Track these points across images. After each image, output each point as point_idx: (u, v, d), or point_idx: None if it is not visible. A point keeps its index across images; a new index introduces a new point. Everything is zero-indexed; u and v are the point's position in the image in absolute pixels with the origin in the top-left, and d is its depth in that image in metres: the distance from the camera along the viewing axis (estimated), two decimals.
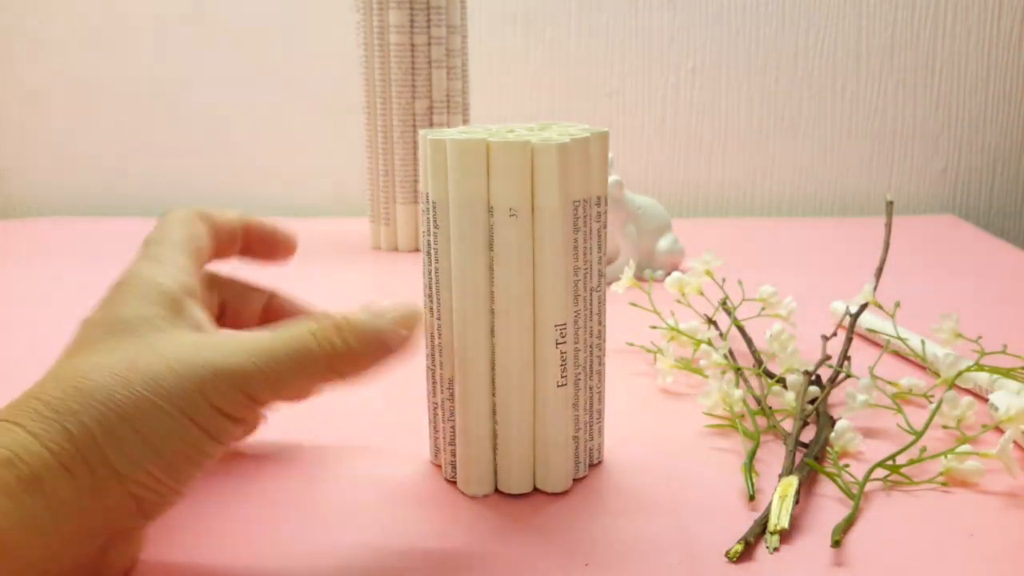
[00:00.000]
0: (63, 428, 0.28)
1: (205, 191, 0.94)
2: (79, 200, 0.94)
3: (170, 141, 0.93)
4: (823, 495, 0.36)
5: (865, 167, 0.93)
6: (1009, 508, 0.35)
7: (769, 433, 0.41)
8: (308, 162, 0.93)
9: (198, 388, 0.29)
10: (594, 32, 0.90)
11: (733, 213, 0.94)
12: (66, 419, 0.28)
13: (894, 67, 0.90)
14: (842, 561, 0.32)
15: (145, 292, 0.32)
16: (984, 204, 0.94)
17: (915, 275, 0.66)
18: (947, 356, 0.42)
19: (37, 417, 0.28)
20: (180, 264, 0.34)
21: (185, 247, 0.35)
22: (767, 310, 0.50)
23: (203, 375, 0.29)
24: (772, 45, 0.90)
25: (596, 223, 0.36)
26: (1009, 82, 0.90)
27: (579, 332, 0.36)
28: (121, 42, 0.91)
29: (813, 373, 0.44)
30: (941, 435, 0.41)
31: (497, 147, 0.33)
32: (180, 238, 0.36)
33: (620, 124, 0.92)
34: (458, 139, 0.33)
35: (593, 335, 0.37)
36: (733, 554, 0.32)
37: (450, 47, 0.70)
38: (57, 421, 0.28)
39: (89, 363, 0.29)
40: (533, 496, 0.36)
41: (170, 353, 0.30)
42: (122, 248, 0.77)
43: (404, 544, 0.33)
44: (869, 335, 0.53)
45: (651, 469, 0.38)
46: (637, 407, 0.45)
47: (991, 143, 0.92)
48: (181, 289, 0.33)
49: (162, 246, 0.35)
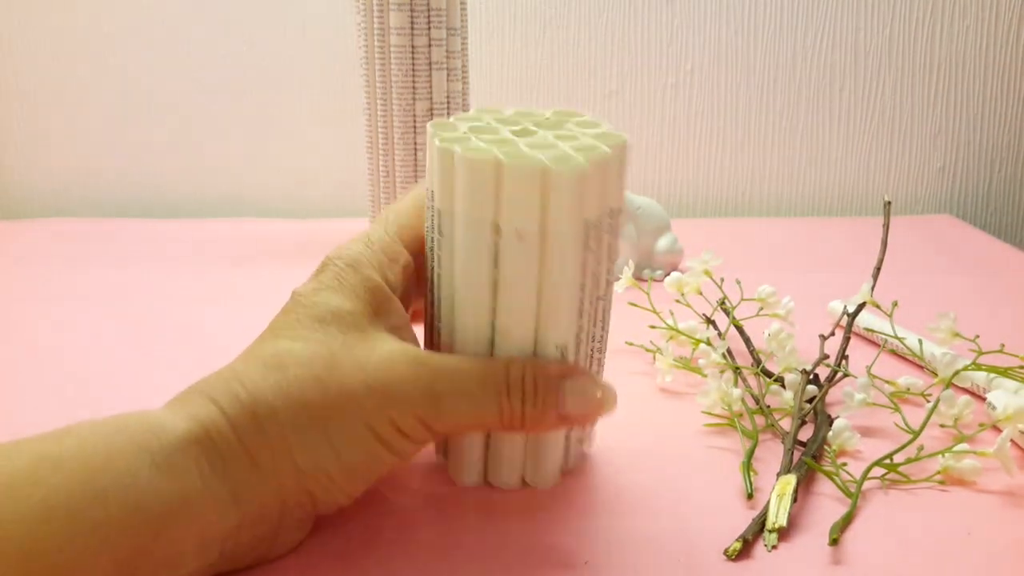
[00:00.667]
0: (255, 419, 0.29)
1: (205, 192, 0.94)
2: (79, 200, 0.94)
3: (171, 142, 0.93)
4: (821, 493, 0.36)
5: (863, 167, 0.93)
6: (1006, 507, 0.35)
7: (767, 432, 0.41)
8: (309, 163, 0.93)
9: (386, 409, 0.30)
10: (593, 33, 0.90)
11: (731, 213, 0.94)
12: (260, 409, 0.29)
13: (892, 67, 0.90)
14: (840, 559, 0.32)
15: (355, 282, 0.33)
16: (982, 204, 0.94)
17: (913, 274, 0.66)
18: (945, 355, 0.42)
19: (235, 402, 0.29)
20: (395, 253, 0.35)
21: (411, 231, 0.36)
22: (765, 309, 0.50)
23: (392, 396, 0.30)
24: (771, 45, 0.90)
25: (608, 235, 0.34)
26: (1007, 82, 0.90)
27: (580, 345, 0.34)
28: (121, 42, 0.91)
29: (811, 372, 0.44)
30: (939, 434, 0.41)
31: (509, 170, 0.31)
32: (409, 220, 0.36)
33: (619, 124, 0.92)
34: (467, 156, 0.31)
35: (595, 340, 0.36)
36: (731, 552, 0.32)
37: (450, 49, 0.70)
38: (251, 410, 0.29)
39: (290, 349, 0.30)
40: (532, 494, 0.36)
41: (366, 363, 0.30)
42: (122, 248, 0.78)
43: (402, 538, 0.33)
44: (867, 334, 0.53)
45: (650, 468, 0.39)
46: (636, 406, 0.45)
47: (989, 143, 0.92)
48: (388, 283, 0.34)
49: (390, 223, 0.36)
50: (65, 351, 0.54)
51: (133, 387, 0.49)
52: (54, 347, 0.55)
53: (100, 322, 0.59)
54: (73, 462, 0.26)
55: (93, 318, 0.60)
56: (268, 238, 0.81)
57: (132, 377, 0.50)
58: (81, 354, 0.53)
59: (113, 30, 0.90)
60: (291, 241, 0.79)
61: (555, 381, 0.32)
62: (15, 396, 0.48)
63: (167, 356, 0.53)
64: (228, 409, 0.29)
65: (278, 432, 0.29)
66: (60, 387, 0.49)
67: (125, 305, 0.63)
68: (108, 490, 0.26)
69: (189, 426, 0.28)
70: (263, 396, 0.29)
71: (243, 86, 0.91)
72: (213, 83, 0.91)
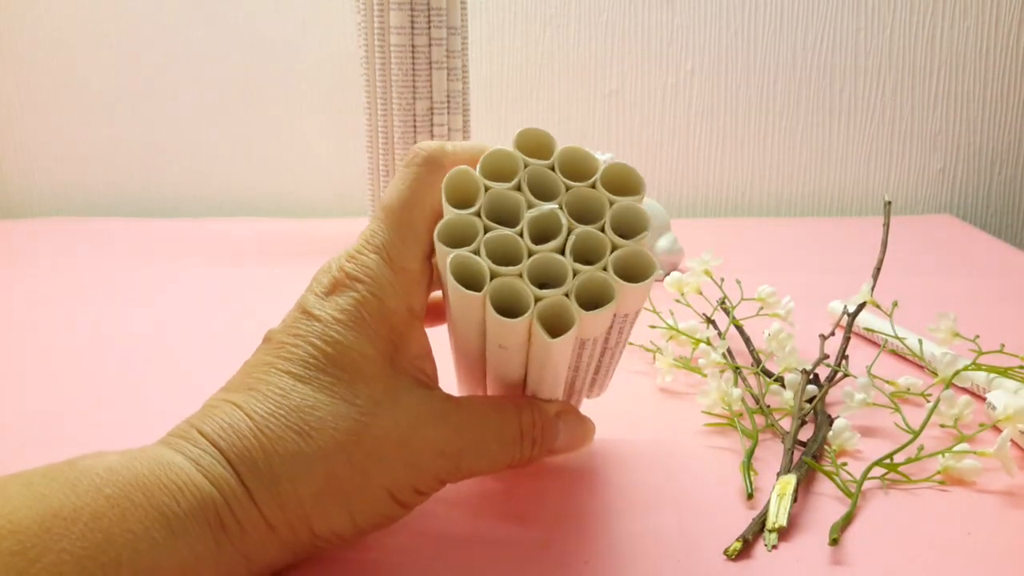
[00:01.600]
0: (277, 493, 0.28)
1: (206, 192, 0.94)
2: (79, 200, 0.94)
3: (171, 142, 0.93)
4: (821, 493, 0.36)
5: (863, 167, 0.93)
6: (1006, 507, 0.35)
7: (767, 432, 0.41)
8: (309, 163, 0.93)
9: (411, 480, 0.30)
10: (594, 33, 0.90)
11: (732, 213, 0.94)
12: (283, 483, 0.28)
13: (892, 67, 0.90)
14: (840, 559, 0.32)
15: (378, 316, 0.30)
16: (982, 204, 0.94)
17: (913, 274, 0.66)
18: (945, 355, 0.42)
19: (255, 469, 0.28)
20: (415, 272, 0.31)
21: (427, 236, 0.31)
22: (765, 309, 0.50)
23: (418, 465, 0.30)
24: (771, 45, 0.90)
25: (617, 331, 0.33)
26: (1007, 83, 0.90)
27: (576, 381, 0.35)
28: (122, 42, 0.91)
29: (811, 372, 0.44)
30: (939, 434, 0.41)
31: (493, 318, 0.29)
32: (424, 224, 0.31)
33: (619, 124, 0.92)
34: (455, 287, 0.29)
35: (591, 371, 0.36)
36: (732, 552, 0.32)
37: (450, 48, 0.70)
38: (273, 482, 0.28)
39: (314, 406, 0.29)
40: (530, 492, 0.36)
41: (393, 430, 0.29)
42: (122, 248, 0.78)
43: (400, 537, 0.33)
44: (867, 334, 0.53)
45: (650, 467, 0.39)
46: (636, 406, 0.45)
47: (989, 143, 0.92)
48: (409, 310, 0.31)
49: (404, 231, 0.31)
50: (65, 351, 0.54)
51: (134, 387, 0.48)
52: (54, 347, 0.55)
53: (100, 322, 0.59)
54: (86, 522, 0.24)
55: (93, 318, 0.60)
56: (268, 238, 0.81)
57: (133, 376, 0.50)
58: (81, 353, 0.53)
59: (113, 30, 0.90)
60: (291, 241, 0.79)
61: (554, 422, 0.34)
62: (15, 396, 0.48)
63: (167, 355, 0.53)
64: (248, 480, 0.28)
65: (298, 504, 0.28)
66: (60, 386, 0.48)
67: (125, 305, 0.63)
68: (122, 556, 0.25)
69: (208, 490, 0.27)
70: (285, 468, 0.28)
71: (243, 86, 0.91)
72: (213, 83, 0.91)
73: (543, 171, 0.31)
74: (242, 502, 0.27)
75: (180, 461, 0.27)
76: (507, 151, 0.31)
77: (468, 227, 0.30)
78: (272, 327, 0.32)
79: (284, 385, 0.29)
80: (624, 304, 0.30)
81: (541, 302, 0.29)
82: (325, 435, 0.28)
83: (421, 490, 0.31)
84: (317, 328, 0.30)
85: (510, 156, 0.30)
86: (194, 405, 0.31)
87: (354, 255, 0.31)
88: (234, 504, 0.27)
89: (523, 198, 0.30)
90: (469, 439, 0.31)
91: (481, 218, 0.30)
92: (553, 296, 0.29)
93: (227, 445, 0.28)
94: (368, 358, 0.30)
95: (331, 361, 0.29)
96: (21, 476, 0.26)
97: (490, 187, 0.30)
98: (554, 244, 0.30)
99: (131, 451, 0.28)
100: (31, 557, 0.23)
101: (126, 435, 0.32)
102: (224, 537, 0.27)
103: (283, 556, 0.29)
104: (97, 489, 0.25)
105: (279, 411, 0.28)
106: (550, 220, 0.30)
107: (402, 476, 0.30)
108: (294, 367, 0.29)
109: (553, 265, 0.30)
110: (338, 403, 0.29)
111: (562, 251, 0.30)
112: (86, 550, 0.24)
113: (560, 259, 0.29)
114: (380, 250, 0.31)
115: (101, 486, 0.26)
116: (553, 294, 0.29)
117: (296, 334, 0.30)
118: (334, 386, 0.29)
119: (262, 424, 0.28)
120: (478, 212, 0.30)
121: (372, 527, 0.30)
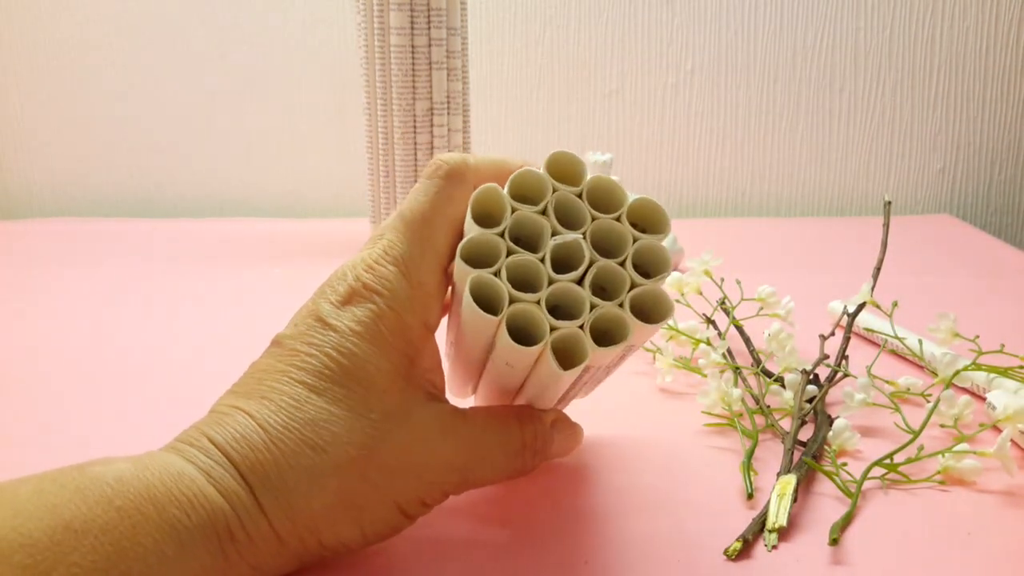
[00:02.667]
0: (289, 508, 0.28)
1: (206, 192, 0.94)
2: (79, 200, 0.94)
3: (171, 142, 0.93)
4: (821, 493, 0.36)
5: (863, 167, 0.93)
6: (1006, 507, 0.35)
7: (767, 432, 0.41)
8: (309, 163, 0.93)
9: (420, 493, 0.30)
10: (594, 33, 0.90)
11: (731, 213, 0.94)
12: (295, 497, 0.28)
13: (892, 67, 0.90)
14: (840, 559, 0.32)
15: (395, 330, 0.30)
16: (982, 204, 0.94)
17: (913, 275, 0.66)
18: (945, 355, 0.42)
19: (267, 484, 0.28)
20: (431, 286, 0.31)
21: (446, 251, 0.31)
22: (765, 309, 0.50)
23: (428, 480, 0.30)
24: (770, 45, 0.90)
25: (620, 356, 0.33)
26: (1007, 82, 0.90)
27: (571, 394, 0.36)
28: (122, 43, 0.91)
29: (811, 372, 0.44)
30: (939, 434, 0.41)
31: (503, 343, 0.29)
32: (444, 239, 0.32)
33: (619, 124, 0.92)
34: (471, 307, 0.29)
35: (588, 388, 0.36)
36: (732, 552, 0.32)
37: (450, 49, 0.70)
38: (285, 497, 0.28)
39: (328, 420, 0.28)
40: (530, 492, 0.36)
41: (404, 446, 0.29)
42: (122, 248, 0.78)
43: (399, 537, 0.33)
44: (867, 334, 0.53)
45: (650, 467, 0.39)
46: (636, 406, 0.45)
47: (989, 144, 0.92)
48: (425, 325, 0.31)
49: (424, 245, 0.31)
50: (65, 351, 0.54)
51: (134, 387, 0.49)
52: (54, 347, 0.55)
53: (100, 322, 0.59)
54: (96, 535, 0.24)
55: (93, 318, 0.60)
56: (268, 238, 0.81)
57: (133, 377, 0.50)
58: (81, 354, 0.53)
59: (113, 30, 0.90)
60: (291, 241, 0.79)
61: (550, 431, 0.35)
62: (15, 396, 0.48)
63: (167, 355, 0.53)
64: (260, 492, 0.28)
65: (309, 517, 0.28)
66: (60, 387, 0.49)
67: (125, 305, 0.63)
68: (132, 570, 0.25)
69: (219, 502, 0.27)
70: (298, 482, 0.28)
71: (243, 86, 0.91)
72: (213, 83, 0.91)
73: (571, 198, 0.30)
74: (252, 515, 0.27)
75: (191, 472, 0.27)
76: (538, 174, 0.30)
77: (491, 247, 0.30)
78: (278, 329, 0.32)
79: (297, 395, 0.29)
80: (636, 339, 0.30)
81: (556, 332, 0.29)
82: (339, 450, 0.28)
83: (427, 503, 0.31)
84: (333, 339, 0.29)
85: (540, 179, 0.30)
86: (193, 405, 0.31)
87: (372, 265, 0.31)
88: (244, 517, 0.27)
89: (548, 224, 0.30)
90: (476, 452, 0.32)
91: (505, 239, 0.30)
92: (568, 328, 0.29)
93: (239, 456, 0.28)
94: (383, 372, 0.30)
95: (346, 373, 0.29)
96: (30, 482, 0.26)
97: (517, 208, 0.30)
98: (574, 275, 0.30)
99: (140, 458, 0.28)
100: (42, 570, 0.23)
101: (126, 435, 0.32)
102: (232, 548, 0.27)
103: (289, 565, 0.29)
104: (108, 500, 0.25)
105: (293, 423, 0.28)
106: (572, 249, 0.30)
107: (412, 489, 0.30)
108: (308, 377, 0.29)
109: (570, 294, 0.30)
110: (352, 417, 0.29)
111: (580, 281, 0.30)
112: (96, 564, 0.24)
113: (579, 290, 0.29)
114: (399, 263, 0.31)
115: (112, 497, 0.25)
116: (569, 326, 0.29)
117: (311, 343, 0.30)
118: (348, 399, 0.29)
119: (275, 436, 0.28)
120: (502, 232, 0.30)
121: (379, 538, 0.31)
